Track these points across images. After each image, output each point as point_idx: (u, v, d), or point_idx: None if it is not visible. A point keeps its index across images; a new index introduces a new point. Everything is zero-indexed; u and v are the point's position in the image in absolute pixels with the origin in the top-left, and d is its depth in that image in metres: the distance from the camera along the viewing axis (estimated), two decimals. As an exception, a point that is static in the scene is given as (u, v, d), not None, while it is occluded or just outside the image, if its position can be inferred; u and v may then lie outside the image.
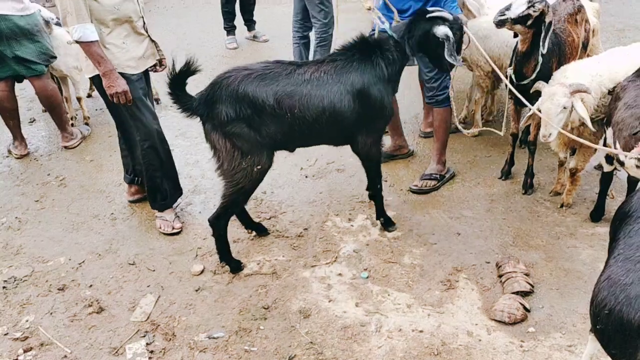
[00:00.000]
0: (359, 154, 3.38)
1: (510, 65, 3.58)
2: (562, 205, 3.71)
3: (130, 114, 3.47)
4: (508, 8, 3.29)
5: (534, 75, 3.48)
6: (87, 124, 5.19)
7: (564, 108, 3.15)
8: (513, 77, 3.52)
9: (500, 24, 3.33)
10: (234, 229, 3.69)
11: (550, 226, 3.56)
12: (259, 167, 3.07)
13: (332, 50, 5.55)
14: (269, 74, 2.98)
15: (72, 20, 3.11)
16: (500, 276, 3.16)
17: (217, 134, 2.99)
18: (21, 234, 3.77)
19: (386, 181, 4.12)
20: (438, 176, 4.02)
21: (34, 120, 5.40)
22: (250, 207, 3.88)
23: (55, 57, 4.59)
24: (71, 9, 3.08)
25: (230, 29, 7.05)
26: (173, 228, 3.68)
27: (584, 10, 3.93)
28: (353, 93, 3.07)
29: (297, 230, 3.64)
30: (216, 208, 3.27)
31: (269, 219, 3.77)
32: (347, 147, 3.42)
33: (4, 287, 3.29)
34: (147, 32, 3.48)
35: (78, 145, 4.88)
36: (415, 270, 3.26)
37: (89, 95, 5.65)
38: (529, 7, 3.23)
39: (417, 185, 3.98)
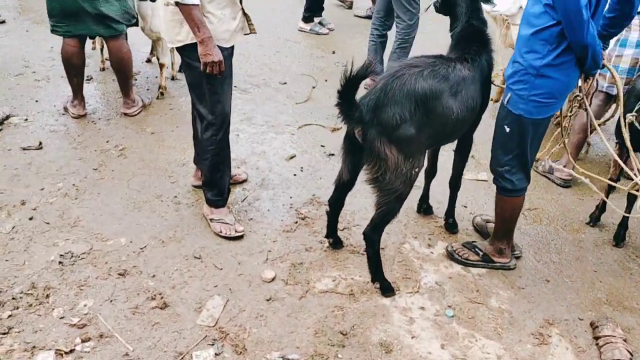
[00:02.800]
0: (464, 149, 3.42)
1: (633, 111, 3.26)
2: (657, 266, 3.46)
3: (212, 91, 3.19)
4: None
5: None
6: (162, 93, 4.92)
7: None
8: (637, 124, 3.22)
9: None
10: (306, 235, 3.44)
11: (644, 288, 3.31)
12: (417, 169, 2.88)
13: (410, 55, 5.34)
14: (439, 69, 2.83)
15: None
16: (596, 338, 2.91)
17: (384, 141, 2.72)
18: (79, 204, 3.53)
19: (466, 207, 3.87)
20: (485, 256, 3.32)
21: (91, 78, 5.14)
22: (321, 213, 3.64)
23: (137, 18, 4.32)
24: None
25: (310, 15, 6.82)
26: (236, 231, 3.39)
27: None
28: (481, 89, 3.07)
29: (373, 248, 3.39)
30: (371, 220, 3.00)
31: (342, 230, 3.51)
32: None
33: (60, 263, 3.06)
34: (241, 3, 3.22)
35: (138, 113, 4.63)
36: (504, 317, 3.01)
37: (173, 78, 5.32)
38: None
39: (453, 248, 3.38)
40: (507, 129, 2.95)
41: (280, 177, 4.01)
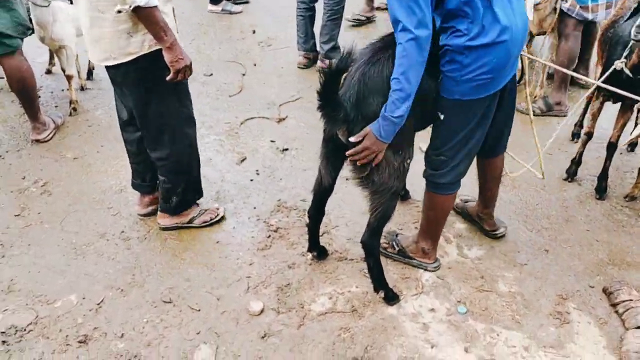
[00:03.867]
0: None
1: (621, 57, 3.07)
2: (644, 213, 3.36)
3: (180, 100, 2.82)
4: None
5: None
6: (75, 109, 4.27)
7: None
8: (627, 71, 3.04)
9: None
10: (284, 250, 3.06)
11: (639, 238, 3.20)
12: (408, 161, 2.55)
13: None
14: None
15: None
16: (614, 305, 2.75)
17: None
18: (8, 263, 2.95)
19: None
20: (401, 252, 3.00)
21: (-14, 104, 4.41)
22: (294, 219, 3.26)
23: (32, 29, 3.66)
24: None
25: None
26: (217, 208, 3.28)
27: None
28: None
29: (359, 251, 3.02)
30: (367, 225, 2.68)
31: (321, 235, 3.15)
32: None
33: (4, 342, 2.51)
34: None
35: (52, 137, 4.00)
36: (517, 301, 2.78)
37: (83, 88, 4.66)
38: None
39: (383, 244, 3.01)
40: (442, 116, 2.53)
41: (235, 185, 3.57)
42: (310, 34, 4.96)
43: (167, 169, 3.00)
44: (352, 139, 2.34)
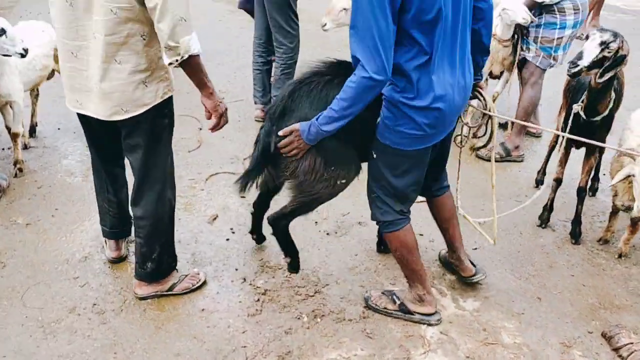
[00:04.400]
0: None
1: (577, 102, 3.23)
2: (620, 256, 3.44)
3: (168, 152, 2.73)
4: (580, 57, 2.95)
5: (606, 112, 3.19)
6: (21, 169, 3.90)
7: None
8: (582, 113, 3.18)
9: (575, 75, 3.00)
10: (277, 314, 2.86)
11: (622, 281, 3.25)
12: (343, 181, 2.70)
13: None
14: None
15: (187, 28, 2.30)
16: (616, 350, 2.76)
17: None
18: (-36, 349, 2.56)
19: (422, 235, 3.53)
20: (402, 305, 2.86)
21: None
22: (281, 280, 3.09)
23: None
24: (186, 13, 2.29)
25: None
26: (198, 273, 3.05)
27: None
28: None
29: (357, 310, 2.91)
30: (281, 208, 2.88)
31: (313, 295, 2.99)
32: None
33: None
34: None
35: (-3, 202, 3.62)
36: (524, 352, 2.72)
37: (26, 147, 4.28)
38: (602, 50, 2.92)
39: (369, 295, 2.94)
40: (375, 155, 2.56)
41: (212, 246, 3.35)
42: (267, 88, 4.89)
43: (146, 230, 2.78)
44: (280, 133, 2.51)
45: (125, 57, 2.38)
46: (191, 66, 2.41)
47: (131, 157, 2.68)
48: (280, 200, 3.00)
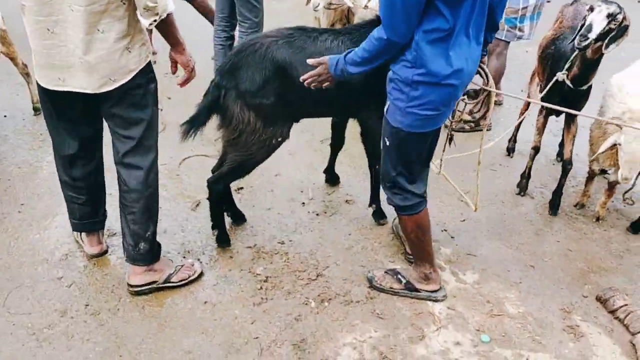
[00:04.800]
0: (366, 132, 3.10)
1: (563, 70, 3.25)
2: (597, 219, 3.57)
3: (156, 118, 2.69)
4: (589, 30, 2.94)
5: (591, 81, 3.25)
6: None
7: None
8: (568, 82, 3.22)
9: (585, 48, 2.98)
10: (282, 300, 2.78)
11: (603, 243, 3.38)
12: (279, 139, 2.86)
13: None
14: (295, 40, 2.75)
15: None
16: (612, 312, 2.87)
17: (240, 104, 2.74)
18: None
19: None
20: (408, 284, 2.85)
21: None
22: (280, 265, 3.00)
23: None
24: None
25: None
26: (193, 265, 2.90)
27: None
28: None
29: (362, 290, 2.88)
30: (218, 171, 3.01)
31: (315, 279, 2.92)
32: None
33: None
34: None
35: (-47, 199, 3.29)
36: (529, 321, 2.78)
37: None
38: (609, 23, 2.94)
39: (373, 275, 2.92)
40: (387, 142, 2.54)
41: (200, 235, 3.20)
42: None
43: (140, 205, 2.64)
44: (309, 61, 2.52)
45: (107, 26, 2.29)
46: (167, 24, 2.43)
47: (121, 126, 2.55)
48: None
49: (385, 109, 2.49)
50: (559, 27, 3.63)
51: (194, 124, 2.84)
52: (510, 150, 4.29)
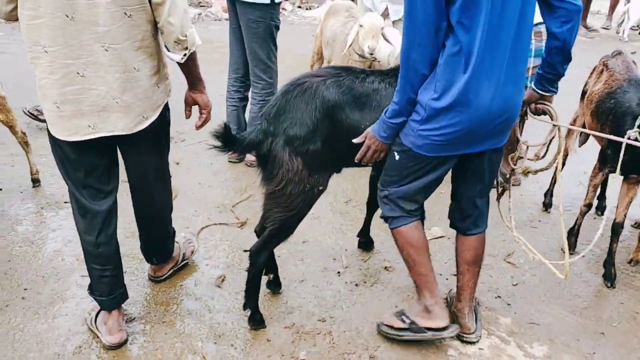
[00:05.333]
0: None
1: (634, 127, 2.86)
2: (654, 276, 3.29)
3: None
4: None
5: None
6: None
7: None
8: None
9: None
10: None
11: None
12: (320, 188, 2.61)
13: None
14: (343, 79, 2.55)
15: (189, 20, 2.29)
16: None
17: (289, 151, 2.47)
18: None
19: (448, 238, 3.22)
20: (412, 324, 2.61)
21: None
22: (325, 347, 2.65)
23: None
24: (187, 5, 2.27)
25: None
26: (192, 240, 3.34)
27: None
28: None
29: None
30: (260, 238, 2.72)
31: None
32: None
33: None
34: None
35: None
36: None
37: None
38: None
39: (386, 324, 2.70)
40: (397, 157, 2.47)
41: (229, 315, 2.83)
42: (243, 125, 4.43)
43: (164, 213, 2.90)
44: (354, 141, 2.45)
45: (142, 63, 2.28)
46: (192, 60, 2.38)
47: (139, 161, 2.57)
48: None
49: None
50: (612, 80, 3.37)
51: (227, 147, 2.48)
52: (547, 206, 4.03)
